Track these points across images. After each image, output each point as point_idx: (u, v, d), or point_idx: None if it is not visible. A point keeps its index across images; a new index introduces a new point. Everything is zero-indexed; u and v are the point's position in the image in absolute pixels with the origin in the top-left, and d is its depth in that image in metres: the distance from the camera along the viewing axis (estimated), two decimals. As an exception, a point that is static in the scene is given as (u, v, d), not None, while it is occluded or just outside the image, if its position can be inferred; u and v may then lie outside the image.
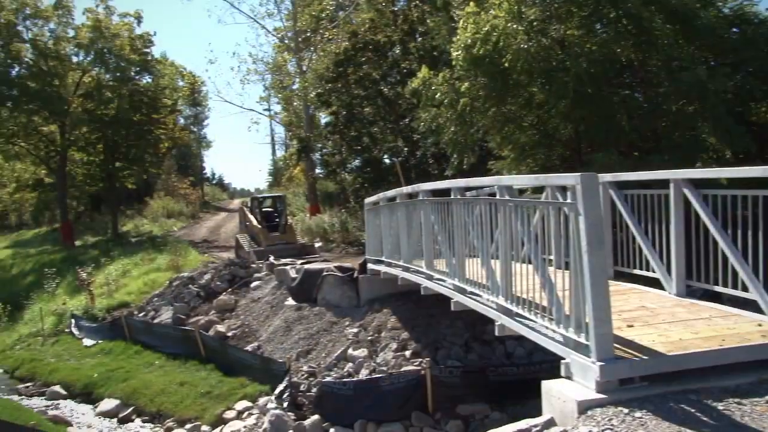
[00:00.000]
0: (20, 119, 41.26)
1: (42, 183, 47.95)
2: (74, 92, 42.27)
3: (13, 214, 69.04)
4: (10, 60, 40.87)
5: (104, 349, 20.65)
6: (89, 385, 17.96)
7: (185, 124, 63.82)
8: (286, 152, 49.14)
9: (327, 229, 28.76)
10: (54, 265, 32.58)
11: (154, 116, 43.22)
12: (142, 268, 28.29)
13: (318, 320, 16.31)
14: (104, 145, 43.45)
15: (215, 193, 76.23)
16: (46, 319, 24.69)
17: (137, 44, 42.48)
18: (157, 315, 21.38)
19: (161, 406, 15.24)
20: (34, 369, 20.70)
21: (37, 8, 41.59)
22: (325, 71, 30.14)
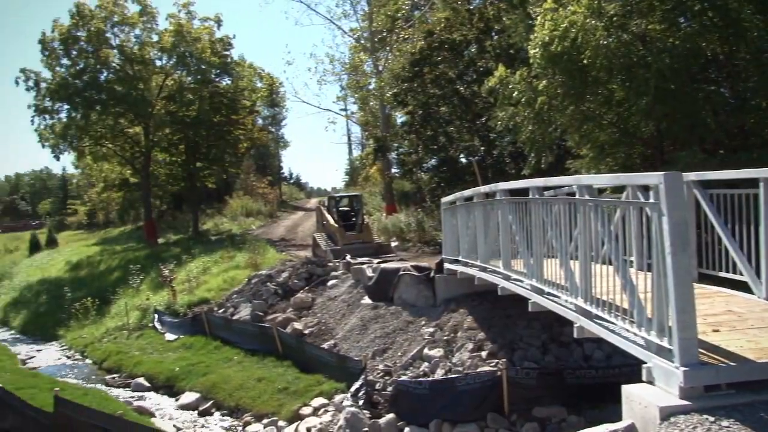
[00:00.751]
0: (108, 122, 42.88)
1: (127, 183, 49.63)
2: (158, 95, 43.60)
3: (100, 213, 71.86)
4: (99, 66, 42.54)
5: (185, 343, 21.21)
6: (171, 379, 18.48)
7: (263, 124, 64.93)
8: (363, 152, 49.34)
9: (403, 229, 28.78)
10: (138, 262, 33.71)
11: (233, 117, 44.13)
12: (222, 265, 28.88)
13: (394, 319, 16.36)
14: (186, 145, 44.64)
15: (292, 192, 77.32)
16: (131, 313, 25.56)
17: (217, 47, 43.47)
18: (236, 312, 21.81)
19: (239, 400, 15.56)
20: (120, 361, 21.47)
21: (124, 16, 43.16)
22: (401, 71, 30.14)
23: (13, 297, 39.62)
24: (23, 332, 31.77)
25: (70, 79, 41.96)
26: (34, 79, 43.04)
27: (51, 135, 43.93)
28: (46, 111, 43.26)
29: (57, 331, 28.80)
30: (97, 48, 42.24)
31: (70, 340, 26.82)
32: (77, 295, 30.86)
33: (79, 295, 30.76)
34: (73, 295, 30.91)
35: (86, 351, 24.41)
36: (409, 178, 34.67)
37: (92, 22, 41.91)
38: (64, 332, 28.27)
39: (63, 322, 29.26)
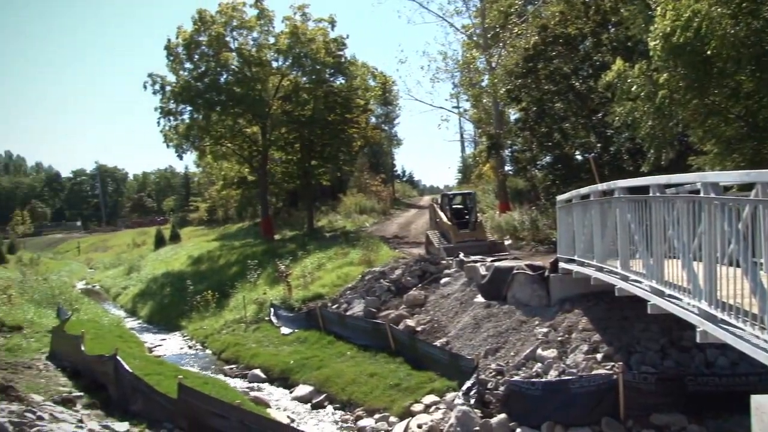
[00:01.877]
0: (227, 122, 44.42)
1: (245, 181, 51.18)
2: (274, 95, 44.79)
3: (220, 210, 74.47)
4: (219, 68, 44.18)
5: (300, 337, 21.69)
6: (286, 371, 18.95)
7: (377, 122, 65.44)
8: (476, 149, 49.06)
9: (517, 227, 28.38)
10: (255, 257, 34.71)
11: (347, 116, 44.77)
12: (336, 261, 29.33)
13: (507, 318, 16.16)
14: (301, 144, 45.63)
15: (405, 190, 77.65)
16: (248, 307, 26.37)
17: (331, 47, 44.20)
18: (350, 307, 22.11)
19: (352, 395, 15.77)
20: (238, 352, 22.21)
21: (243, 20, 44.64)
22: (514, 67, 29.69)
23: (141, 288, 41.77)
24: (149, 322, 33.43)
25: (193, 82, 43.81)
26: (159, 83, 45.24)
27: (175, 135, 46.02)
28: (170, 113, 45.36)
29: (180, 322, 30.16)
30: (217, 51, 43.88)
31: (192, 330, 27.99)
32: (198, 288, 32.16)
33: (200, 288, 32.05)
34: (194, 288, 32.21)
35: (206, 342, 25.43)
36: (523, 175, 34.16)
37: (213, 27, 43.62)
38: (186, 323, 29.56)
39: (185, 313, 30.62)
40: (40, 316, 27.17)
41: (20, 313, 26.37)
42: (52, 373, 17.38)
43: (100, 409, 13.74)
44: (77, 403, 13.92)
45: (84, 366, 16.69)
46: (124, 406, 13.90)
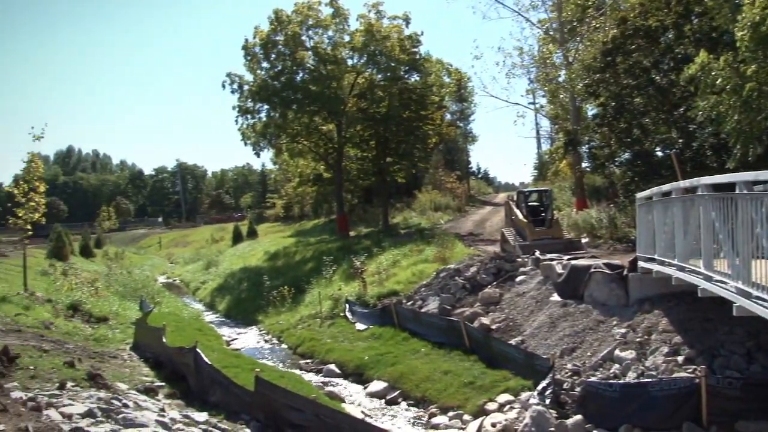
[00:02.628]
0: (303, 120, 45.00)
1: (321, 178, 51.80)
2: (349, 93, 45.15)
3: (296, 206, 75.56)
4: (295, 67, 44.85)
5: (374, 333, 21.79)
6: (360, 367, 19.09)
7: (452, 119, 65.18)
8: (552, 146, 48.14)
9: (594, 225, 27.77)
10: (331, 254, 35.04)
11: (422, 113, 44.75)
12: (411, 258, 29.34)
13: (584, 318, 15.86)
14: (376, 141, 45.86)
15: (480, 187, 77.15)
16: (323, 302, 26.62)
17: (406, 45, 44.26)
18: (424, 304, 22.09)
19: (426, 392, 15.75)
20: (313, 347, 22.50)
21: (318, 19, 45.17)
22: (592, 61, 29.02)
23: (219, 283, 42.71)
24: (227, 316, 34.16)
25: (269, 80, 44.59)
26: (237, 83, 46.25)
27: (252, 133, 46.95)
28: (248, 111, 46.28)
29: (256, 317, 30.72)
30: (293, 50, 44.51)
31: (268, 325, 28.46)
32: (274, 283, 32.64)
33: (276, 283, 32.53)
34: (271, 283, 32.72)
35: (282, 336, 25.82)
36: (601, 172, 33.39)
37: (289, 26, 44.29)
38: (262, 318, 30.09)
39: (262, 308, 31.14)
40: (125, 309, 28.14)
41: (106, 305, 27.37)
42: (136, 363, 17.95)
43: (181, 399, 14.11)
44: (159, 392, 14.34)
45: (165, 357, 17.17)
46: (203, 396, 14.24)
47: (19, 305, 22.59)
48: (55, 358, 15.13)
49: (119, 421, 9.88)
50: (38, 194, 27.28)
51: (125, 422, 9.89)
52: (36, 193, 27.19)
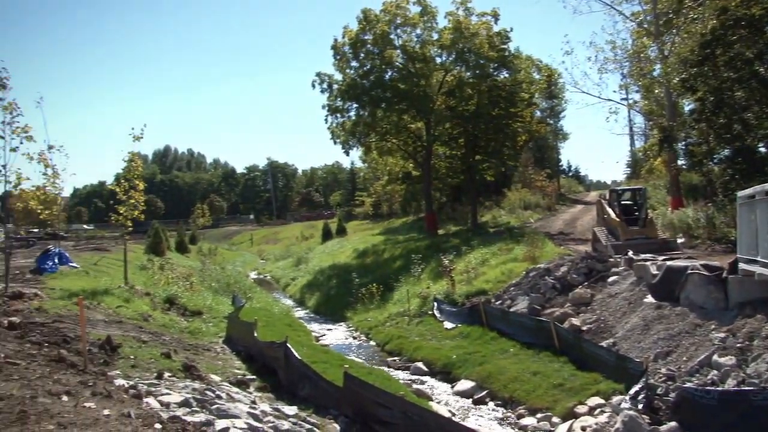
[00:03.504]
0: (392, 118, 45.25)
1: (410, 176, 51.98)
2: (438, 91, 45.10)
3: (384, 204, 76.04)
4: (384, 66, 45.13)
5: (462, 332, 21.66)
6: (448, 365, 19.04)
7: (541, 116, 64.24)
8: (646, 143, 46.77)
9: (691, 225, 26.82)
10: (419, 252, 35.09)
11: (511, 110, 44.21)
12: (500, 257, 29.08)
13: (679, 321, 15.31)
14: (465, 139, 45.62)
15: (571, 185, 75.79)
16: (411, 300, 26.69)
17: (495, 41, 43.87)
18: (513, 304, 21.84)
19: (514, 392, 15.56)
20: (401, 345, 22.58)
21: (406, 17, 45.29)
22: (689, 54, 27.99)
23: (308, 280, 43.41)
24: (316, 312, 34.68)
25: (358, 79, 45.05)
26: (327, 82, 46.93)
27: (342, 132, 47.54)
28: (337, 110, 46.88)
29: (345, 313, 31.07)
30: (382, 49, 44.80)
31: (356, 322, 28.75)
32: (363, 280, 32.96)
33: (364, 280, 32.85)
34: (359, 280, 33.06)
35: (370, 333, 26.04)
36: (698, 170, 32.19)
37: (377, 25, 44.60)
38: (351, 314, 30.41)
39: (350, 305, 31.47)
40: (218, 303, 28.94)
41: (200, 300, 28.21)
42: (228, 356, 18.44)
43: (271, 392, 14.38)
44: (250, 385, 14.66)
45: (256, 351, 17.56)
46: (293, 390, 14.48)
47: (120, 298, 23.56)
48: (153, 348, 15.71)
49: (213, 412, 10.16)
50: (138, 192, 28.29)
51: (219, 413, 10.16)
52: (136, 191, 28.21)
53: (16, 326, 14.03)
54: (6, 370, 9.15)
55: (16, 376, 8.88)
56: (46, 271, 27.97)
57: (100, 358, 12.68)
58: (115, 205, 28.63)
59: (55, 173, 25.96)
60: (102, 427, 6.95)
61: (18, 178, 21.67)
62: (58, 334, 14.02)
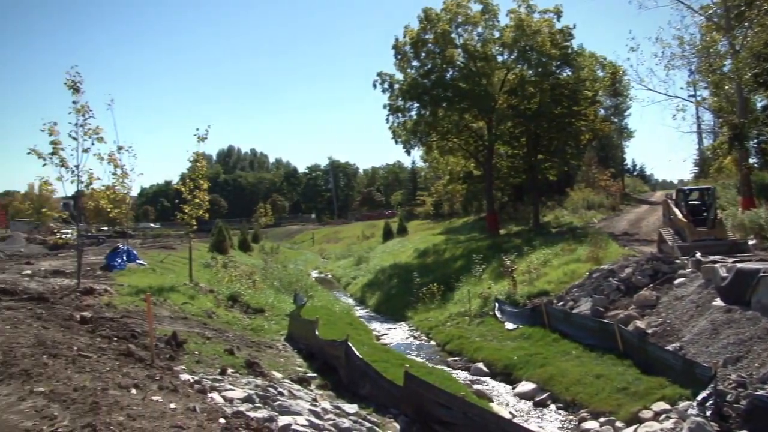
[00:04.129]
0: (453, 117, 45.10)
1: (471, 175, 51.70)
2: (500, 89, 44.75)
3: (445, 204, 75.93)
4: (445, 65, 45.04)
5: (524, 333, 21.46)
6: (509, 367, 18.86)
7: (606, 114, 63.11)
8: (715, 141, 45.48)
9: (763, 225, 25.90)
10: (480, 252, 34.86)
11: (574, 108, 43.52)
12: (562, 258, 28.67)
13: (751, 325, 14.79)
14: (527, 138, 45.22)
15: (636, 184, 74.17)
16: (472, 300, 26.53)
17: (557, 39, 43.27)
18: (576, 305, 21.50)
19: (576, 395, 15.31)
20: (461, 345, 22.48)
21: (468, 15, 45.08)
22: (762, 48, 27.14)
23: (369, 279, 43.58)
24: (376, 311, 34.78)
25: (419, 79, 45.05)
26: (388, 82, 47.01)
27: (403, 131, 47.59)
28: (398, 110, 46.95)
29: (405, 313, 31.07)
30: (443, 48, 44.70)
31: (417, 321, 28.71)
32: (424, 280, 32.90)
33: (425, 280, 32.79)
34: (420, 280, 32.99)
35: (431, 333, 25.98)
36: (772, 168, 31.25)
37: (438, 24, 44.51)
38: (411, 314, 30.38)
39: (411, 304, 31.46)
40: (279, 301, 29.27)
41: (262, 297, 28.58)
42: (290, 353, 18.62)
43: (331, 390, 14.48)
44: (311, 383, 14.78)
45: (317, 349, 17.69)
46: (353, 389, 14.55)
47: (185, 295, 24.05)
48: (216, 345, 15.99)
49: (275, 408, 10.29)
50: (202, 192, 28.80)
51: (281, 409, 10.27)
52: (200, 191, 28.71)
53: (87, 320, 14.57)
54: (79, 363, 9.50)
55: (88, 369, 9.20)
56: (115, 268, 28.73)
57: (166, 353, 12.98)
58: (181, 204, 29.21)
59: (124, 173, 26.77)
60: (169, 420, 7.11)
61: (89, 178, 22.27)
62: (126, 329, 14.44)
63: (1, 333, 11.27)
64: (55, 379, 8.11)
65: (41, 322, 13.23)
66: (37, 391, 7.44)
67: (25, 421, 6.31)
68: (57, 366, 8.95)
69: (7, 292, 18.12)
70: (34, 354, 9.52)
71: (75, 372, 8.78)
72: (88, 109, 21.57)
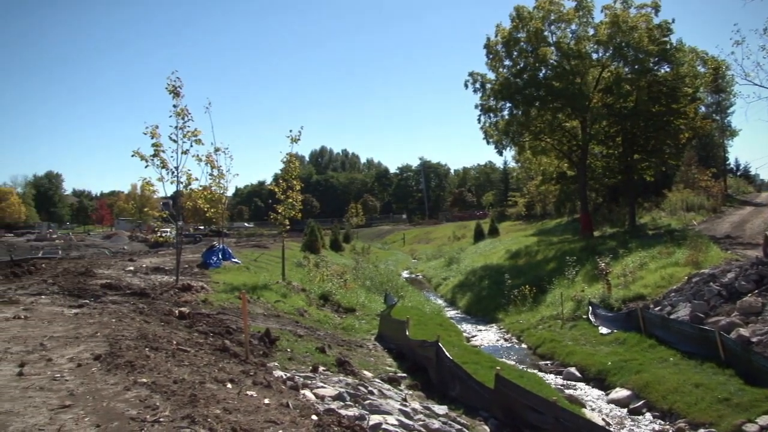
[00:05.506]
0: (546, 117, 44.45)
1: (564, 176, 50.80)
2: (594, 88, 43.81)
3: (538, 205, 74.95)
4: (537, 64, 44.38)
5: (618, 338, 20.91)
6: (602, 372, 18.43)
7: (707, 112, 60.84)
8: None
9: None
10: (573, 254, 34.15)
11: (673, 106, 42.06)
12: (659, 261, 27.77)
13: None
14: (623, 137, 44.06)
15: (739, 185, 71.13)
16: (565, 303, 26.01)
17: (655, 34, 41.93)
18: (674, 311, 20.80)
19: (673, 404, 14.79)
20: (553, 349, 22.14)
21: (561, 13, 44.28)
22: None
23: (460, 280, 43.37)
24: (467, 312, 34.58)
25: (512, 78, 44.60)
26: (480, 81, 46.72)
27: (495, 132, 47.24)
28: (490, 110, 46.64)
29: (496, 315, 30.79)
30: (535, 47, 44.12)
31: (508, 323, 28.40)
32: (515, 282, 32.51)
33: (517, 282, 32.39)
34: (511, 282, 32.61)
35: (522, 336, 25.67)
36: None
37: (531, 22, 43.96)
38: (502, 316, 30.08)
39: (502, 306, 31.17)
40: (370, 301, 29.53)
41: (353, 297, 28.89)
42: (380, 353, 18.75)
43: (421, 390, 14.50)
44: (401, 383, 14.83)
45: (408, 349, 17.75)
46: (443, 390, 14.52)
47: (278, 293, 24.57)
48: (308, 343, 16.28)
49: (366, 407, 10.37)
50: (295, 192, 29.33)
51: (371, 408, 10.34)
52: (293, 191, 29.25)
53: (185, 316, 15.15)
54: (178, 356, 9.88)
55: (187, 362, 9.56)
56: (211, 265, 29.63)
57: (259, 349, 13.30)
58: (274, 204, 29.81)
59: (220, 174, 27.61)
60: (263, 415, 7.26)
61: (188, 179, 23.08)
62: (221, 325, 14.90)
63: (107, 326, 11.87)
64: (156, 371, 8.48)
65: (143, 317, 13.84)
66: (140, 381, 7.80)
67: (131, 410, 6.62)
68: (158, 359, 9.36)
69: (113, 287, 19.09)
70: (137, 346, 10.00)
71: (174, 365, 9.15)
72: (187, 112, 22.36)
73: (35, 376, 7.90)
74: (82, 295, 17.04)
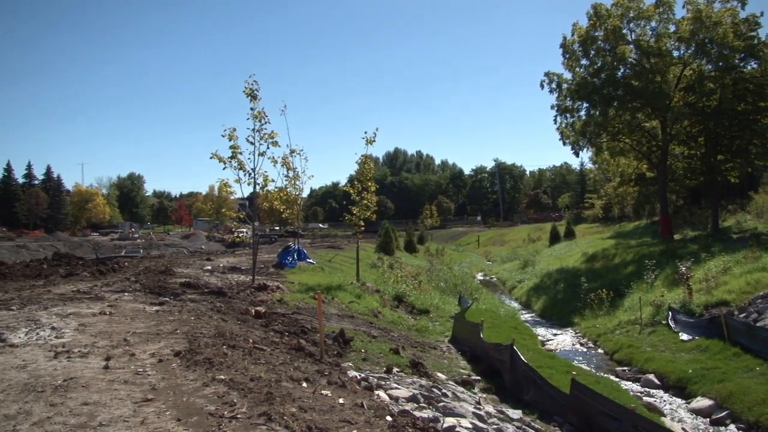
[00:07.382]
0: (625, 117, 43.38)
1: (643, 177, 49.59)
2: (675, 86, 42.56)
3: (615, 207, 73.33)
4: (615, 62, 43.35)
5: (700, 345, 20.24)
6: (682, 380, 17.90)
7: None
8: None
9: None
10: (653, 257, 33.26)
11: (760, 104, 40.42)
12: (745, 266, 26.71)
13: None
14: (705, 137, 42.66)
15: (839, 187, 68.06)
16: (643, 308, 25.35)
17: (741, 29, 40.34)
18: (760, 318, 20.02)
19: (760, 417, 14.24)
20: (631, 355, 21.62)
21: (640, 10, 43.13)
22: None
23: (535, 283, 42.86)
24: (542, 316, 34.16)
25: (589, 78, 43.72)
26: (556, 82, 46.02)
27: (571, 132, 46.43)
28: (567, 110, 45.88)
29: (572, 319, 30.28)
30: (613, 45, 43.11)
31: (584, 328, 27.87)
32: (592, 285, 31.87)
33: (593, 286, 31.75)
34: (588, 285, 31.98)
35: (598, 340, 25.15)
36: None
37: (609, 20, 43.00)
38: (578, 320, 29.55)
39: (578, 310, 30.64)
40: (444, 303, 29.43)
41: (427, 298, 28.85)
42: (453, 355, 18.67)
43: (495, 394, 14.36)
44: (475, 386, 14.72)
45: (482, 352, 17.62)
46: (517, 394, 14.37)
47: (352, 294, 24.74)
48: (382, 344, 16.32)
49: (439, 409, 10.32)
50: (370, 193, 29.48)
51: (445, 410, 10.29)
52: (368, 193, 29.40)
53: (261, 315, 15.43)
54: (254, 354, 10.08)
55: (263, 361, 9.72)
56: (286, 266, 30.07)
57: (334, 349, 13.42)
58: (349, 205, 30.03)
59: (296, 175, 27.98)
60: (338, 415, 7.32)
61: (265, 180, 23.48)
62: (297, 325, 15.11)
63: (186, 323, 12.19)
64: (233, 369, 8.67)
65: (220, 315, 14.15)
66: (218, 378, 7.99)
67: (209, 405, 6.80)
68: (235, 356, 9.56)
69: (191, 286, 19.60)
70: (215, 344, 10.25)
71: (251, 363, 9.32)
72: (264, 114, 22.74)
73: (120, 370, 8.22)
74: (162, 293, 17.58)
